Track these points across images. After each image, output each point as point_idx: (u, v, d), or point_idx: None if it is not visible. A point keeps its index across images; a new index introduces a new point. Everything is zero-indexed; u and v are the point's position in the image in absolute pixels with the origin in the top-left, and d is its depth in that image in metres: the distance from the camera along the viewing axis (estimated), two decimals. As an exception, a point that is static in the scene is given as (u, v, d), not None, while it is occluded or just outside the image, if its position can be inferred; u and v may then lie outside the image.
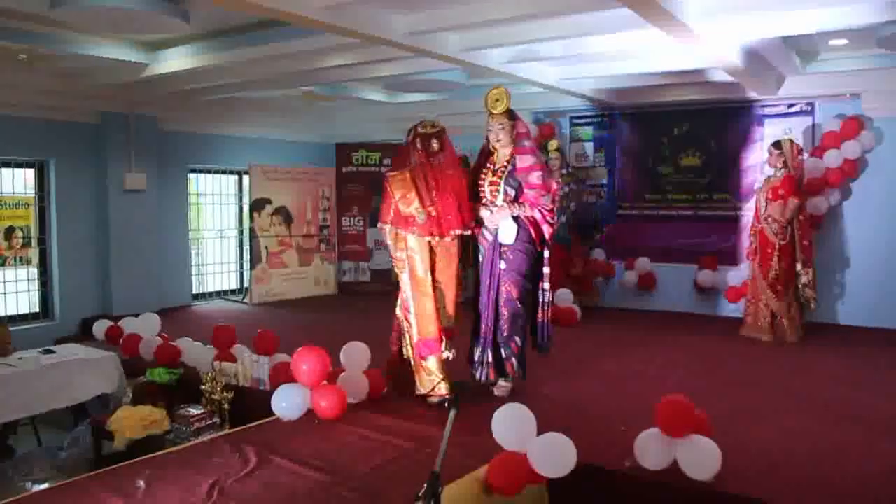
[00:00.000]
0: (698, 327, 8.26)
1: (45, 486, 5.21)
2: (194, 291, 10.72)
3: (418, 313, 5.03)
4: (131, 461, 4.12)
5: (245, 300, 10.76)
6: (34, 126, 8.51)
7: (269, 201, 10.70)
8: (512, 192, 5.13)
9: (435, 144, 5.14)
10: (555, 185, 5.15)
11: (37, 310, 8.94)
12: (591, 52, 6.77)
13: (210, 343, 6.28)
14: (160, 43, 7.02)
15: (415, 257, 5.03)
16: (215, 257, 11.22)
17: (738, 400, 5.28)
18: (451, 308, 5.14)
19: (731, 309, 8.56)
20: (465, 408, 4.47)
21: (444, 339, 5.05)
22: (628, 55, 7.09)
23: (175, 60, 7.07)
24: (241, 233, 11.39)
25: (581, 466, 3.66)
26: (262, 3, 4.60)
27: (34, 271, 8.81)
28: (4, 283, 8.54)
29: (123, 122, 9.23)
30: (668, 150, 9.29)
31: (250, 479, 3.75)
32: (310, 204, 11.21)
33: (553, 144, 9.24)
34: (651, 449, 3.73)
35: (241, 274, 11.48)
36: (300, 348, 4.86)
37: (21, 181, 8.70)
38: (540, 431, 3.78)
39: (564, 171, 9.17)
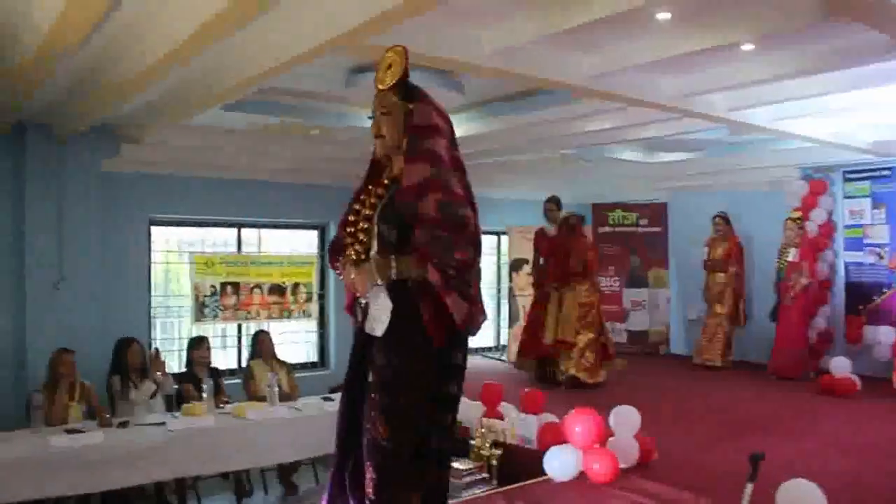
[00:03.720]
0: None
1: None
2: (454, 347, 11.12)
3: None
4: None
5: (503, 357, 10.99)
6: (317, 192, 9.39)
7: (526, 261, 10.93)
8: (392, 237, 2.94)
9: None
10: (470, 214, 2.90)
11: (314, 359, 9.77)
12: (872, 103, 6.36)
13: (476, 399, 6.49)
14: (433, 113, 7.51)
15: None
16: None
17: None
18: None
19: None
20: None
21: None
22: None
23: (446, 129, 7.52)
24: (498, 291, 11.75)
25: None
26: (536, 74, 4.83)
27: (314, 324, 9.66)
28: (289, 333, 9.44)
29: (395, 186, 9.90)
30: (964, 204, 8.38)
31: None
32: (566, 265, 11.31)
33: None
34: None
35: (499, 331, 11.80)
36: (573, 410, 4.91)
37: (306, 242, 9.65)
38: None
39: None
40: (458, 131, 7.40)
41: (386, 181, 3.06)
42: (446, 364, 2.95)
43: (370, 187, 3.08)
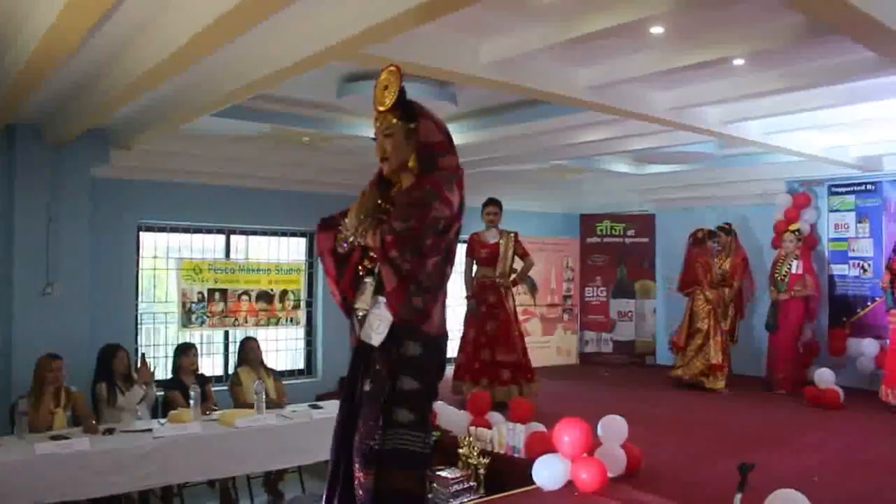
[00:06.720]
0: None
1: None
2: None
3: None
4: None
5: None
6: (305, 199, 9.33)
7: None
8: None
9: None
10: (439, 207, 2.86)
11: (301, 366, 9.73)
12: (860, 120, 6.44)
13: (464, 408, 6.49)
14: (426, 123, 7.54)
15: None
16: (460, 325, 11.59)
17: None
18: None
19: None
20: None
21: None
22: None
23: (439, 138, 7.55)
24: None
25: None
26: (531, 85, 4.87)
27: (301, 331, 9.63)
28: (277, 340, 9.40)
29: (384, 195, 9.90)
30: (948, 217, 8.48)
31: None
32: (554, 274, 11.35)
33: None
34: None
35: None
36: (562, 419, 4.92)
37: (295, 250, 9.62)
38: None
39: None
40: (449, 141, 7.46)
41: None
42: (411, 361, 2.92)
43: (380, 203, 3.06)
